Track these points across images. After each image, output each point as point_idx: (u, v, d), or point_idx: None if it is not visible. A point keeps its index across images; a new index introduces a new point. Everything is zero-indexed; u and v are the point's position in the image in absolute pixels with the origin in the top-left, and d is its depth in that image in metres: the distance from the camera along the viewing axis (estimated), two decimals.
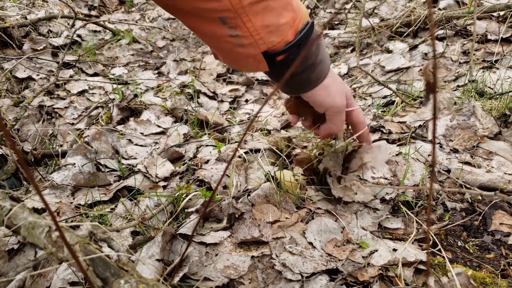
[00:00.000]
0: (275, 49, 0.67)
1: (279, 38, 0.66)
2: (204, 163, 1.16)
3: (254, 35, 0.63)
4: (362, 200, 0.93)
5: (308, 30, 0.69)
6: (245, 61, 0.69)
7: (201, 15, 0.61)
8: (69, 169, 1.11)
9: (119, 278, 0.48)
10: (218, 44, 0.67)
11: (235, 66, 0.74)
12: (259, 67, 0.70)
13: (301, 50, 0.69)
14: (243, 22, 0.61)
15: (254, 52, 0.66)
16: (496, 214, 0.88)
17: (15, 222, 0.57)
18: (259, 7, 0.61)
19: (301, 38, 0.68)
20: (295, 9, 0.67)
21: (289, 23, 0.66)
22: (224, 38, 0.64)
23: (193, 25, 0.66)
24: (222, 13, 0.60)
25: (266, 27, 0.63)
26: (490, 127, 1.16)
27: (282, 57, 0.68)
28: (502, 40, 1.68)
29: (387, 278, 0.73)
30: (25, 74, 1.76)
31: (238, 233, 0.85)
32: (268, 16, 0.63)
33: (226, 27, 0.62)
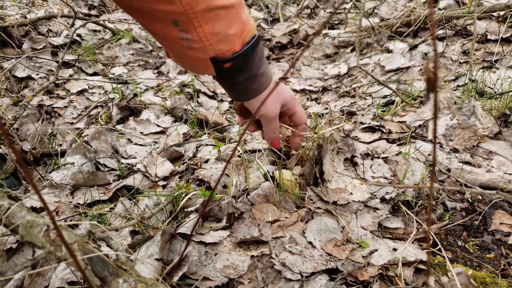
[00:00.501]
0: (223, 57, 0.71)
1: (227, 47, 0.71)
2: (203, 162, 1.16)
3: (204, 40, 0.67)
4: (358, 199, 0.93)
5: (254, 43, 0.75)
6: (195, 63, 0.73)
7: (156, 16, 0.65)
8: (68, 168, 1.11)
9: (117, 277, 0.48)
10: (171, 45, 0.71)
11: (186, 67, 0.78)
12: (207, 71, 0.74)
13: (247, 60, 0.75)
14: (194, 27, 0.65)
15: (203, 56, 0.70)
16: (496, 214, 0.88)
17: (13, 221, 0.56)
18: (211, 15, 0.65)
19: (247, 49, 0.73)
20: (244, 22, 0.72)
21: (237, 34, 0.71)
22: (176, 40, 0.67)
23: (148, 26, 0.69)
24: (175, 16, 0.63)
25: (216, 35, 0.68)
26: (490, 126, 1.15)
27: (229, 65, 0.73)
28: (502, 40, 1.67)
29: (387, 278, 0.73)
30: (24, 74, 1.75)
31: (237, 233, 0.85)
32: (218, 25, 0.67)
33: (178, 29, 0.66)
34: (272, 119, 0.87)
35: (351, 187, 0.97)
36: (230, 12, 0.68)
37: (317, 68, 2.05)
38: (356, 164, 1.07)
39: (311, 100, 1.72)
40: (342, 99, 1.65)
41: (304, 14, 2.72)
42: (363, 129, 1.30)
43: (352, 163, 1.09)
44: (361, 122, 1.34)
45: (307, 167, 1.00)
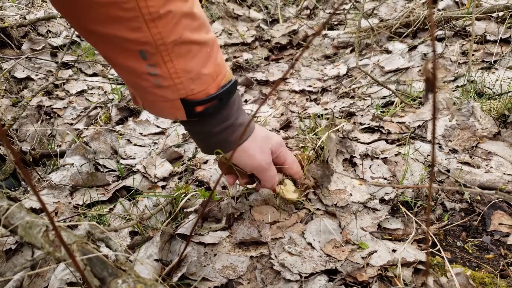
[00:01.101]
0: (195, 98, 0.64)
1: (201, 88, 0.63)
2: (203, 163, 1.16)
3: (174, 78, 0.60)
4: (358, 200, 0.93)
5: (231, 87, 0.68)
6: (162, 104, 0.65)
7: (121, 45, 0.57)
8: (68, 169, 1.11)
9: (116, 278, 0.48)
10: (136, 80, 0.62)
11: (152, 111, 0.70)
12: (176, 114, 0.66)
13: (222, 105, 0.67)
14: (163, 61, 0.58)
15: (173, 96, 0.62)
16: (495, 214, 0.88)
17: (12, 222, 0.56)
18: (182, 49, 0.59)
19: (223, 93, 0.66)
20: (219, 64, 0.66)
21: (212, 76, 0.64)
22: (143, 75, 0.60)
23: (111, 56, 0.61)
24: (143, 46, 0.56)
25: (188, 72, 0.61)
26: (489, 127, 1.15)
27: (201, 108, 0.65)
28: (501, 41, 1.68)
29: (386, 279, 0.73)
30: (24, 74, 1.75)
31: (237, 233, 0.85)
32: (191, 61, 0.60)
33: (146, 63, 0.58)
34: (264, 167, 0.78)
35: (350, 188, 0.97)
36: (204, 49, 0.61)
37: (317, 68, 2.05)
38: (355, 164, 1.08)
39: (310, 100, 1.72)
40: (341, 100, 1.66)
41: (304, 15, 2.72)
42: (362, 129, 1.30)
43: (351, 163, 1.09)
44: (361, 123, 1.34)
45: (316, 170, 0.96)
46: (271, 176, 0.81)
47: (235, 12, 2.65)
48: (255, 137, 0.76)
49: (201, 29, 0.61)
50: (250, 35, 2.46)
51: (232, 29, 2.51)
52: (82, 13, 0.55)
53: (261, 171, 0.79)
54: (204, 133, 0.72)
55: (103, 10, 0.53)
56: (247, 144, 0.74)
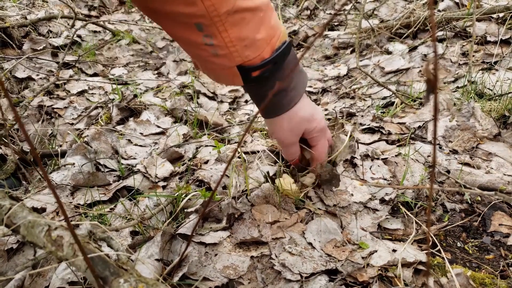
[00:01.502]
0: (251, 64, 0.66)
1: (255, 54, 0.65)
2: (203, 163, 1.16)
3: (230, 46, 0.62)
4: (359, 200, 0.93)
5: (285, 49, 0.69)
6: (221, 72, 0.68)
7: (179, 20, 0.61)
8: (69, 169, 1.11)
9: (118, 277, 0.48)
10: (195, 51, 0.66)
11: (212, 77, 0.73)
12: (234, 80, 0.69)
13: (277, 68, 0.69)
14: (218, 31, 0.60)
15: (229, 64, 0.65)
16: (495, 215, 0.88)
17: (15, 221, 0.57)
18: (236, 18, 0.60)
19: (278, 56, 0.68)
20: (273, 26, 0.67)
21: (266, 40, 0.66)
22: (200, 46, 0.63)
23: (171, 31, 0.65)
24: (198, 19, 0.59)
25: (242, 40, 0.63)
26: (489, 128, 1.16)
27: (257, 73, 0.68)
28: (502, 42, 1.68)
29: (386, 279, 0.73)
30: (24, 74, 1.76)
31: (237, 233, 0.85)
32: (245, 29, 0.62)
33: (202, 34, 0.61)
34: (286, 145, 0.84)
35: (351, 188, 0.98)
36: (257, 15, 0.63)
37: (317, 69, 2.05)
38: (355, 165, 1.08)
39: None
40: (341, 100, 1.66)
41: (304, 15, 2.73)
42: (363, 130, 1.30)
43: (352, 164, 1.09)
44: (361, 123, 1.35)
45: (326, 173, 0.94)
46: (290, 153, 0.87)
47: None
48: (293, 115, 0.78)
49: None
50: None
51: None
52: None
53: (282, 145, 0.85)
54: (260, 95, 0.75)
55: None
56: (280, 119, 0.78)
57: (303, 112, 0.79)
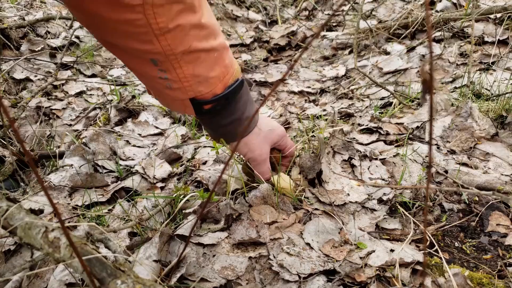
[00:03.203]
0: (203, 98, 0.69)
1: (208, 89, 0.68)
2: (202, 164, 1.16)
3: (183, 81, 0.65)
4: (355, 200, 0.93)
5: (237, 86, 0.72)
6: (173, 102, 0.71)
7: (134, 54, 0.63)
8: (67, 170, 1.11)
9: (116, 279, 0.48)
10: (150, 82, 0.69)
11: (164, 104, 0.77)
12: (186, 110, 0.72)
13: (228, 103, 0.73)
14: (173, 67, 0.63)
15: (182, 96, 0.68)
16: (493, 215, 0.88)
17: (12, 223, 0.56)
18: (190, 57, 0.63)
19: (229, 93, 0.71)
20: (226, 65, 0.70)
21: (219, 77, 0.69)
22: (155, 78, 0.66)
23: (127, 62, 0.68)
24: (154, 56, 0.61)
25: (196, 76, 0.66)
26: (487, 128, 1.16)
27: (209, 107, 0.71)
28: (499, 42, 1.68)
29: (384, 279, 0.73)
30: (22, 75, 1.75)
31: (235, 234, 0.85)
32: (199, 67, 0.65)
33: (157, 69, 0.63)
34: (260, 162, 0.87)
35: (348, 188, 0.98)
36: (212, 55, 0.66)
37: (315, 70, 2.05)
38: (354, 165, 1.08)
39: (309, 101, 1.72)
40: (340, 101, 1.66)
41: (302, 16, 2.73)
42: (361, 130, 1.30)
43: (350, 164, 1.09)
44: (359, 124, 1.35)
45: (307, 160, 1.00)
46: (263, 171, 0.89)
47: (234, 13, 2.65)
48: (258, 132, 0.83)
49: (209, 37, 0.65)
50: (249, 36, 2.46)
51: (231, 30, 2.52)
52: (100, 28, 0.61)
53: (255, 165, 0.87)
54: (213, 124, 0.78)
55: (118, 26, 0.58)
56: (249, 138, 0.81)
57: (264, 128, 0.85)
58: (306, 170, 1.00)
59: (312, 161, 0.99)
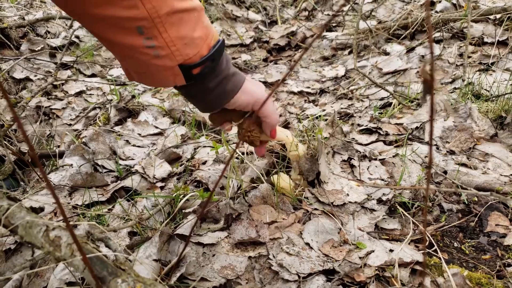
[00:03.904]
0: (191, 62, 0.70)
1: (195, 51, 0.69)
2: (201, 164, 1.16)
3: (171, 46, 0.66)
4: (355, 200, 0.94)
5: (220, 46, 0.74)
6: (162, 74, 0.71)
7: (119, 25, 0.62)
8: (67, 169, 1.11)
9: (116, 277, 0.48)
10: (134, 55, 0.67)
11: (151, 81, 0.74)
12: (176, 80, 0.72)
13: (215, 64, 0.74)
14: (159, 32, 0.63)
15: (171, 64, 0.68)
16: (492, 215, 0.89)
17: (13, 222, 0.57)
18: (174, 19, 0.64)
19: (215, 53, 0.72)
20: (207, 26, 0.71)
21: (203, 38, 0.70)
22: (141, 49, 0.65)
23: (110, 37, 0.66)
24: (140, 22, 0.61)
25: (182, 38, 0.66)
26: (486, 129, 1.16)
27: (198, 71, 0.71)
28: (499, 43, 1.69)
29: (383, 279, 0.74)
30: (22, 75, 1.75)
31: (235, 234, 0.85)
32: (183, 28, 0.66)
33: (143, 37, 0.63)
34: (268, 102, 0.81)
35: (347, 188, 0.98)
36: (193, 15, 0.67)
37: (315, 70, 2.06)
38: (353, 165, 1.08)
39: (308, 102, 1.73)
40: (339, 101, 1.66)
41: (302, 16, 2.73)
42: (361, 131, 1.31)
43: (349, 164, 1.09)
44: (359, 124, 1.35)
45: (304, 163, 1.00)
46: (273, 110, 0.83)
47: (234, 13, 2.66)
48: (249, 79, 0.83)
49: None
50: (248, 36, 2.46)
51: (231, 30, 2.52)
52: None
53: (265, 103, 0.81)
54: (202, 91, 0.77)
55: None
56: (245, 85, 0.80)
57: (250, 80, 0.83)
58: (305, 172, 1.00)
59: (309, 163, 1.00)
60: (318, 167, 0.99)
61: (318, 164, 0.99)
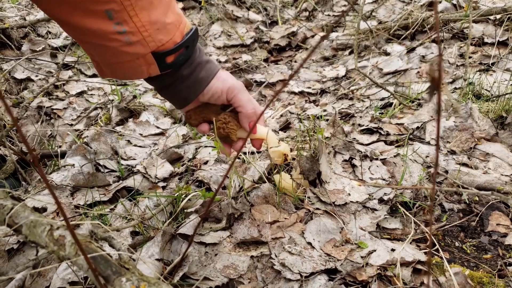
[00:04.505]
0: (164, 49, 0.67)
1: (168, 37, 0.67)
2: (203, 164, 1.16)
3: (142, 31, 0.63)
4: (356, 200, 0.94)
5: (194, 34, 0.72)
6: (135, 63, 0.67)
7: (85, 7, 0.60)
8: (69, 169, 1.11)
9: (120, 276, 0.49)
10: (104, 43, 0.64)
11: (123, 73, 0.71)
12: (150, 70, 0.69)
13: (189, 52, 0.71)
14: (129, 16, 0.61)
15: (144, 50, 0.66)
16: (493, 215, 0.89)
17: (17, 221, 0.57)
18: (144, 3, 0.62)
19: (189, 40, 0.70)
20: (179, 13, 0.70)
21: (175, 24, 0.68)
22: (111, 35, 0.62)
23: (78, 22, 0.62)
24: (108, 5, 0.59)
25: (153, 23, 0.64)
26: (487, 129, 1.17)
27: (172, 58, 0.69)
28: (499, 43, 1.69)
29: (385, 278, 0.74)
30: (24, 75, 1.76)
31: (237, 233, 0.85)
32: (154, 12, 0.64)
33: (113, 22, 0.61)
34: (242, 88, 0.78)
35: (349, 188, 0.98)
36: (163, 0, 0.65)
37: (316, 70, 2.06)
38: (354, 165, 1.08)
39: (309, 102, 1.73)
40: (340, 101, 1.67)
41: (303, 16, 2.74)
42: (362, 131, 1.31)
43: (351, 164, 1.10)
44: (359, 124, 1.35)
45: (305, 162, 1.00)
46: (248, 98, 0.80)
47: (234, 13, 2.66)
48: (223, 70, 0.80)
49: None
50: (249, 37, 2.47)
51: (231, 30, 2.52)
52: None
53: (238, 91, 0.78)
54: (176, 79, 0.74)
55: None
56: (219, 73, 0.78)
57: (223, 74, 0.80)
58: (305, 172, 1.00)
59: (310, 162, 1.00)
60: (318, 167, 0.99)
61: (319, 164, 1.00)
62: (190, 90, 0.77)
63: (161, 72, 0.70)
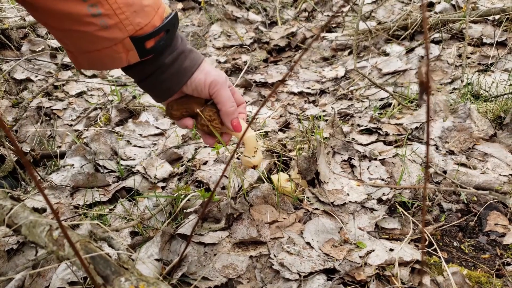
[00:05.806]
0: (143, 33, 0.64)
1: (146, 20, 0.63)
2: (202, 164, 1.17)
3: (119, 13, 0.60)
4: (355, 200, 0.94)
5: (174, 17, 0.68)
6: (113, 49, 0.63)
7: None
8: (68, 170, 1.11)
9: (119, 276, 0.49)
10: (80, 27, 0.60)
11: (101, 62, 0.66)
12: (129, 57, 0.65)
13: (170, 37, 0.68)
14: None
15: (121, 35, 0.62)
16: (491, 215, 0.89)
17: (16, 221, 0.57)
18: None
19: (168, 23, 0.67)
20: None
21: (153, 7, 0.64)
22: (85, 18, 0.58)
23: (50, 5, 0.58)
24: None
25: (130, 5, 0.61)
26: (485, 129, 1.17)
27: (152, 43, 0.65)
28: (497, 44, 1.69)
29: (383, 278, 0.74)
30: (23, 76, 1.76)
31: (236, 233, 0.86)
32: None
33: (87, 4, 0.57)
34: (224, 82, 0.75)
35: (348, 188, 0.98)
36: None
37: (315, 70, 2.06)
38: (353, 165, 1.09)
39: (308, 102, 1.73)
40: (339, 102, 1.67)
41: (302, 17, 2.74)
42: (360, 131, 1.31)
43: (350, 164, 1.10)
44: (359, 125, 1.36)
45: (302, 162, 1.01)
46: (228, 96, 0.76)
47: (234, 14, 2.66)
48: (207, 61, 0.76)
49: None
50: (249, 37, 2.47)
51: (231, 31, 2.52)
52: None
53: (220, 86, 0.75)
54: (158, 68, 0.70)
55: None
56: (203, 64, 0.74)
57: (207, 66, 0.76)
58: (303, 172, 1.00)
59: (307, 162, 1.00)
60: (316, 167, 1.00)
61: (317, 164, 1.00)
62: (173, 80, 0.72)
63: (141, 58, 0.66)
